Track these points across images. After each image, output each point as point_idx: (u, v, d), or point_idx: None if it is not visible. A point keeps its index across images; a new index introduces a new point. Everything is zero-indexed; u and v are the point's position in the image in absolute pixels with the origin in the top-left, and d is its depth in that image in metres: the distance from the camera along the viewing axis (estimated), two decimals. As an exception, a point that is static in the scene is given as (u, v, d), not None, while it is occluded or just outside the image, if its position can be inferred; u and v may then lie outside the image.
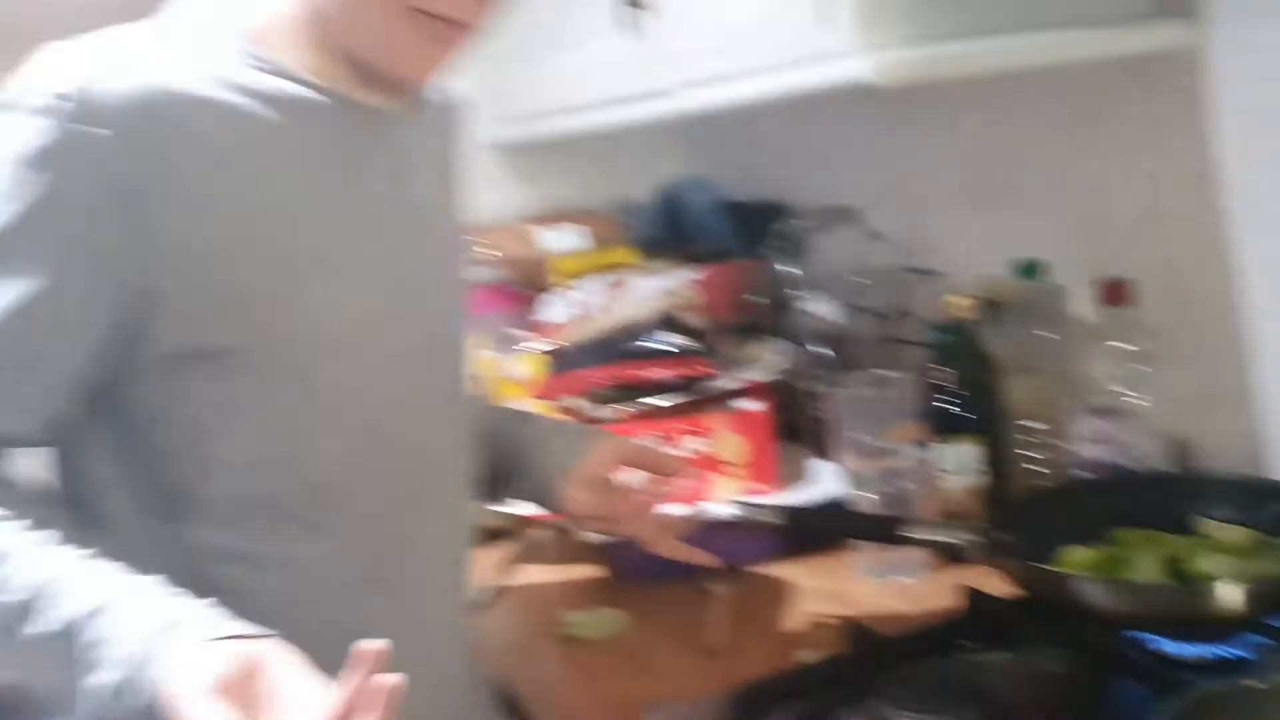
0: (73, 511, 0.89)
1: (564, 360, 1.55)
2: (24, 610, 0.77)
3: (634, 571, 1.40)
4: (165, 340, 0.85)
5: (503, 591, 1.44)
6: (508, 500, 1.21)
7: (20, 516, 0.83)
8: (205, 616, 0.77)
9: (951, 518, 1.30)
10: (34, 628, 0.77)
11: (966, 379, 1.33)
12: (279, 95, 0.88)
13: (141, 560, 0.81)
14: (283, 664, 0.73)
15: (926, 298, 1.52)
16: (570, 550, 1.53)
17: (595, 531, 1.12)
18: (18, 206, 0.80)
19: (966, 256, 1.53)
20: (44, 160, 0.80)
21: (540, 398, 1.57)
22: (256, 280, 0.86)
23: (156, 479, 0.90)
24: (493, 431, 1.15)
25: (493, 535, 1.61)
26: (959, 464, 1.32)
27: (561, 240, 1.88)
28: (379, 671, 0.68)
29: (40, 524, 0.82)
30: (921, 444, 1.32)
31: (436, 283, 1.00)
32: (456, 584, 1.07)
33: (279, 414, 0.90)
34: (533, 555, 1.55)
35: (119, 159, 0.80)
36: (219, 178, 0.84)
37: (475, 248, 1.92)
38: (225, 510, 0.90)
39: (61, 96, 0.79)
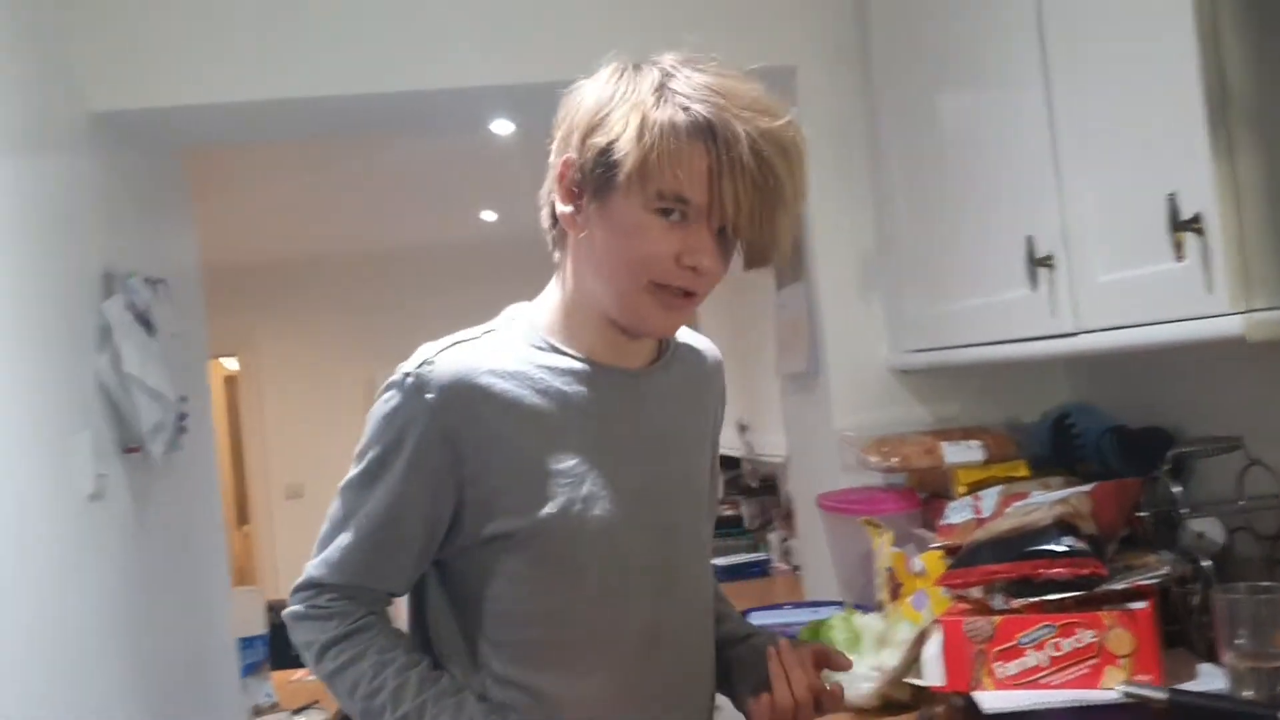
0: (418, 640, 1.32)
1: (967, 555, 1.80)
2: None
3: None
4: (468, 529, 1.23)
5: (908, 751, 1.70)
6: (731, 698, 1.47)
7: (398, 657, 1.25)
8: None
9: (1331, 717, 1.43)
10: None
11: (1345, 593, 1.48)
12: (550, 364, 1.27)
13: (457, 675, 1.26)
14: None
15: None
16: (965, 718, 1.77)
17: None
18: (383, 443, 1.24)
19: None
20: (395, 416, 1.23)
21: (942, 586, 1.83)
22: (527, 488, 1.22)
23: (465, 623, 1.28)
24: (724, 642, 1.46)
25: (899, 706, 1.87)
26: (1337, 668, 1.46)
27: (960, 453, 2.15)
28: None
29: (409, 663, 1.25)
30: (1301, 648, 1.47)
31: (673, 489, 1.33)
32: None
33: (548, 584, 1.24)
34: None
35: (438, 413, 1.21)
36: (504, 421, 1.22)
37: (878, 457, 2.23)
38: (512, 651, 1.26)
39: (408, 375, 1.23)
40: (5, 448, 1.83)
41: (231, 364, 7.03)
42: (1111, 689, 1.59)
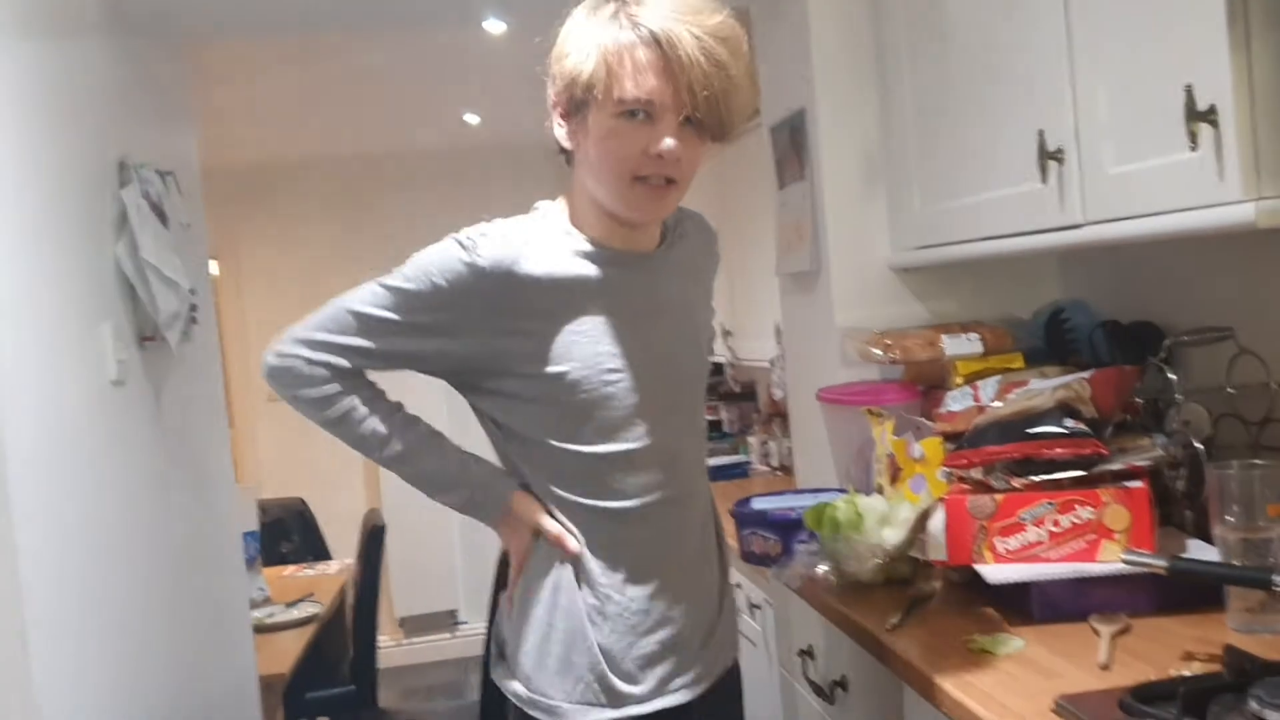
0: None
1: (971, 437, 1.88)
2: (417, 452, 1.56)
3: (1025, 612, 1.71)
4: (507, 376, 1.49)
5: (909, 617, 1.79)
6: None
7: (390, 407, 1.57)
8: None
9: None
10: (428, 463, 1.56)
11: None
12: (575, 248, 1.52)
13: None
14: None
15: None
16: (961, 593, 1.87)
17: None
18: (425, 280, 1.47)
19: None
20: (446, 264, 1.47)
21: (948, 467, 1.92)
22: (557, 345, 1.48)
23: (523, 458, 1.56)
24: None
25: (900, 581, 1.97)
26: (1322, 538, 1.56)
27: (960, 345, 2.23)
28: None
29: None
30: (1289, 520, 1.57)
31: (680, 350, 1.60)
32: (698, 522, 1.65)
33: (577, 419, 1.50)
34: (932, 595, 1.89)
35: (487, 274, 1.46)
36: (538, 289, 1.47)
37: (880, 349, 2.31)
38: (564, 478, 1.53)
39: (466, 237, 1.48)
40: (36, 333, 1.86)
41: (211, 267, 7.00)
42: (1108, 562, 1.69)
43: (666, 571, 1.57)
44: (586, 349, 1.49)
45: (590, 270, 1.51)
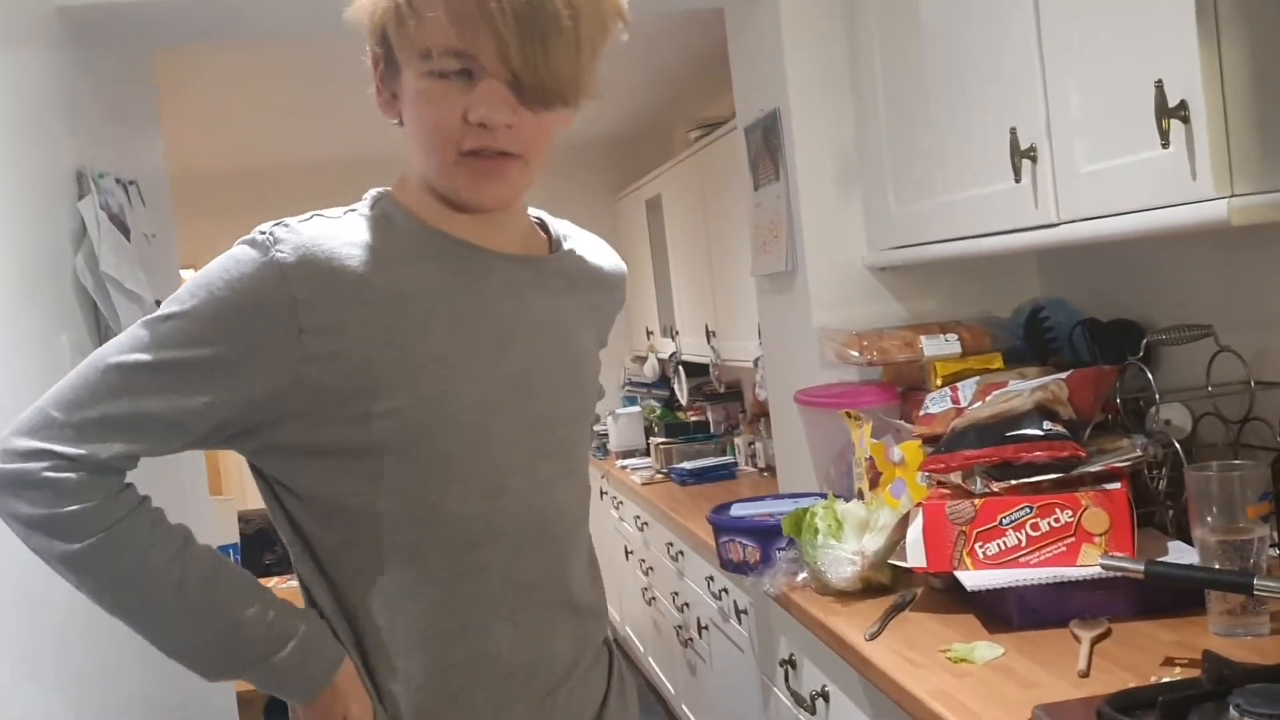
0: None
1: (949, 441, 1.85)
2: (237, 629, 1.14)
3: (1005, 619, 1.68)
4: (318, 415, 1.11)
5: (886, 627, 1.76)
6: None
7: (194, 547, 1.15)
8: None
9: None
10: (243, 611, 1.14)
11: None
12: (417, 242, 1.17)
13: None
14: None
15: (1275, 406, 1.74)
16: (941, 600, 1.84)
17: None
18: (213, 297, 1.09)
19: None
20: (236, 269, 1.10)
21: (925, 471, 1.88)
22: (386, 373, 1.12)
23: (332, 536, 1.18)
24: None
25: (880, 588, 1.94)
26: (1303, 539, 1.53)
27: (938, 346, 2.20)
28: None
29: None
30: (1269, 520, 1.54)
31: (553, 380, 1.23)
32: (574, 610, 1.29)
33: (416, 478, 1.14)
34: (911, 602, 1.86)
35: (289, 278, 1.09)
36: (362, 299, 1.11)
37: (857, 351, 2.28)
38: (385, 560, 1.17)
39: (262, 233, 1.12)
40: (-10, 348, 1.82)
41: (187, 276, 6.93)
42: (1088, 566, 1.66)
43: None
44: (434, 376, 1.14)
45: (438, 271, 1.17)
